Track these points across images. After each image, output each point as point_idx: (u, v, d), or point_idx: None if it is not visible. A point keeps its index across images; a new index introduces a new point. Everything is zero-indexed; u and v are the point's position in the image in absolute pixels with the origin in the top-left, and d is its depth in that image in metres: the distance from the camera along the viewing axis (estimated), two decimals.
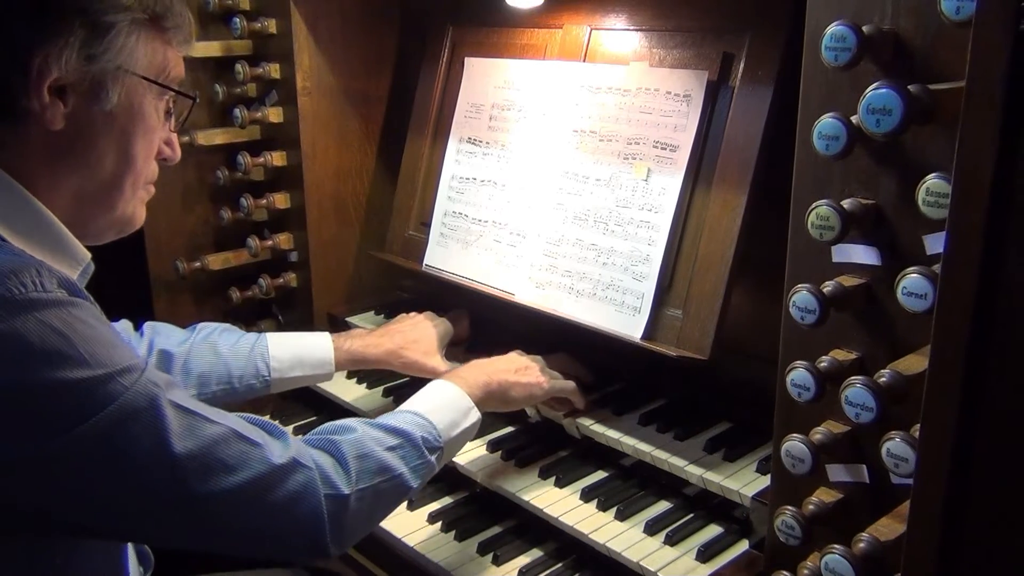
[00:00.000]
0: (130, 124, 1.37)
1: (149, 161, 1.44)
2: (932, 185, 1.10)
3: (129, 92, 1.35)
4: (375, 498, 1.48)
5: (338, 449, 1.47)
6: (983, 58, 0.85)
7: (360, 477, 1.46)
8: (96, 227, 1.43)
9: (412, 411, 1.66)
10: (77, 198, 1.37)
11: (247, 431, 1.36)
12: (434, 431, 1.62)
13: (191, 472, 1.26)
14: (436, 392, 1.75)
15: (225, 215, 2.49)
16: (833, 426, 1.31)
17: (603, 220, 1.92)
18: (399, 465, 1.53)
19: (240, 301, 2.54)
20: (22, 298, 1.16)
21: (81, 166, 1.35)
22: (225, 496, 1.29)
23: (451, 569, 1.80)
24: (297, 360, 2.01)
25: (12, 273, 1.17)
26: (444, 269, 2.24)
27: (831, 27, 1.16)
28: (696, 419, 1.90)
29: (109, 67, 1.31)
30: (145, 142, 1.41)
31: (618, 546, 1.70)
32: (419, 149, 2.39)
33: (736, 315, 1.77)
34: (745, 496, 1.66)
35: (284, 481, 1.36)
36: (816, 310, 1.24)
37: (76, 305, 1.23)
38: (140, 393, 1.23)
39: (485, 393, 1.79)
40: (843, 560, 1.21)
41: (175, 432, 1.25)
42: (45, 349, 1.16)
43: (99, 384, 1.19)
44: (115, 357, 1.22)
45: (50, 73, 1.26)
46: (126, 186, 1.41)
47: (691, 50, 1.85)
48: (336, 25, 2.41)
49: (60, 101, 1.29)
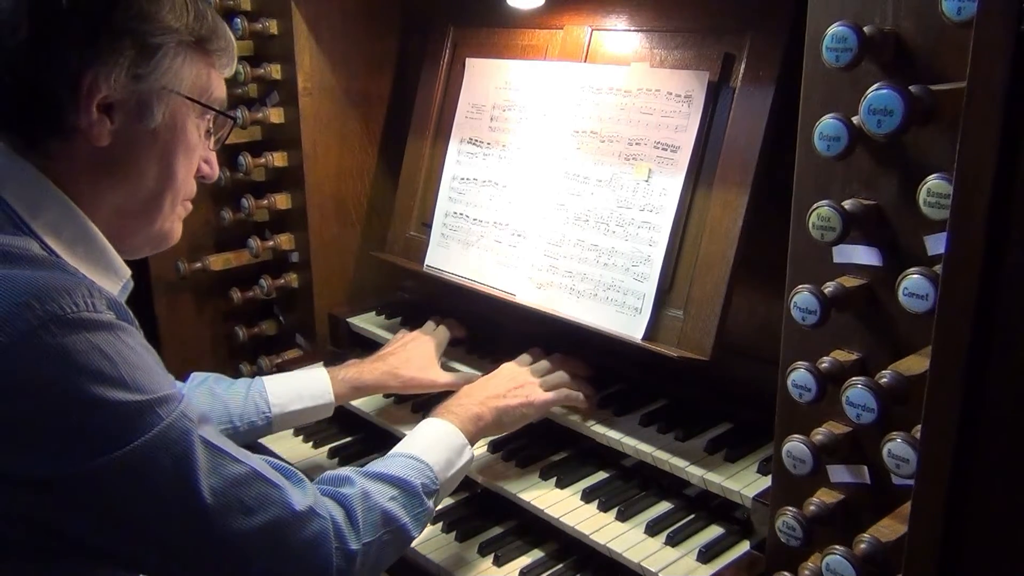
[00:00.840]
0: (172, 142, 1.41)
1: (189, 178, 1.48)
2: (933, 186, 1.10)
3: (173, 111, 1.39)
4: (379, 550, 1.51)
5: (348, 502, 1.49)
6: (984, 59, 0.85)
7: (366, 531, 1.48)
8: (134, 243, 1.47)
9: (408, 455, 1.66)
10: (118, 213, 1.40)
11: (268, 474, 1.37)
12: (431, 474, 1.64)
13: (212, 509, 1.28)
14: (429, 432, 1.76)
15: (226, 215, 2.49)
16: (834, 427, 1.31)
17: (604, 221, 1.92)
18: (402, 515, 1.55)
19: (241, 302, 2.54)
20: (74, 317, 1.18)
21: (124, 182, 1.39)
22: (242, 536, 1.31)
23: (452, 570, 1.80)
24: (295, 394, 2.01)
25: (65, 291, 1.19)
26: (445, 270, 2.24)
27: (832, 28, 1.16)
28: (697, 420, 1.90)
29: (155, 87, 1.35)
30: (186, 160, 1.45)
31: (619, 547, 1.70)
32: (420, 150, 2.39)
33: (737, 316, 1.77)
34: (746, 497, 1.66)
35: (301, 528, 1.38)
36: (817, 311, 1.24)
37: (123, 330, 1.25)
38: (175, 426, 1.25)
39: (478, 428, 1.82)
40: (844, 561, 1.21)
41: (202, 468, 1.27)
42: (92, 369, 1.18)
43: (140, 411, 1.21)
44: (156, 385, 1.25)
45: (99, 91, 1.30)
46: (166, 202, 1.45)
47: (692, 51, 1.85)
48: (337, 26, 2.41)
49: (107, 118, 1.32)
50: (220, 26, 1.46)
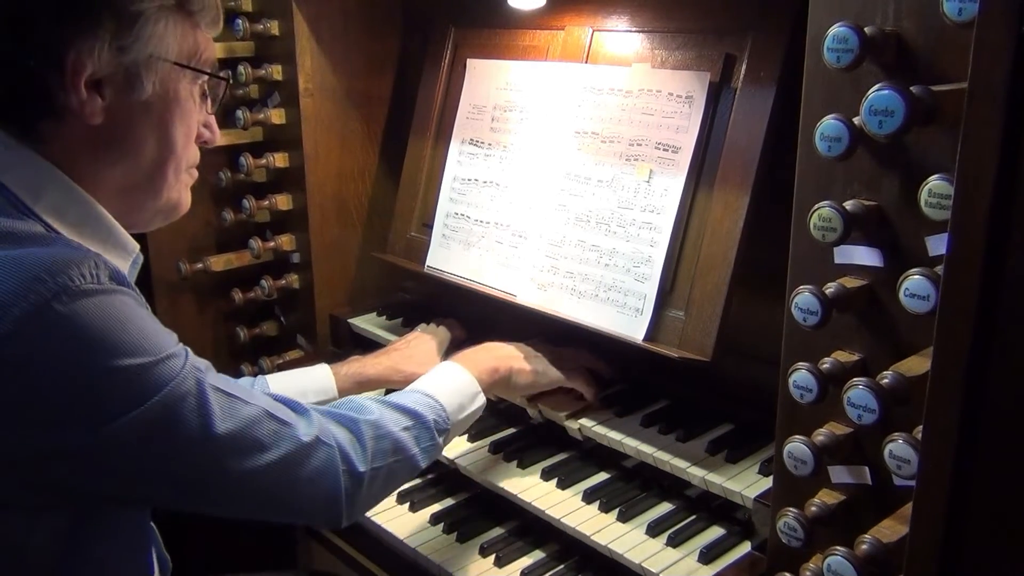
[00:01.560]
0: (167, 111, 1.40)
1: (189, 145, 1.47)
2: (934, 186, 1.10)
3: (163, 79, 1.37)
4: (387, 476, 1.55)
5: (357, 427, 1.53)
6: (985, 59, 0.85)
7: (375, 456, 1.52)
8: (143, 215, 1.47)
9: (424, 392, 1.71)
10: (122, 188, 1.41)
11: (277, 410, 1.41)
12: (444, 413, 1.68)
13: (229, 450, 1.33)
14: (447, 374, 1.80)
15: (227, 216, 2.49)
16: (835, 427, 1.31)
17: (605, 221, 1.92)
18: (412, 446, 1.59)
19: (242, 302, 2.54)
20: (83, 287, 1.19)
21: (123, 157, 1.38)
22: (258, 472, 1.36)
23: (453, 570, 1.80)
24: (299, 390, 2.00)
25: (73, 264, 1.20)
26: (446, 270, 2.25)
27: (833, 28, 1.16)
28: (698, 420, 1.90)
29: (141, 56, 1.33)
30: (183, 127, 1.44)
31: (620, 548, 1.70)
32: (421, 150, 2.39)
33: (738, 316, 1.77)
34: (747, 498, 1.66)
35: (309, 458, 1.42)
36: (818, 311, 1.24)
37: (126, 294, 1.28)
38: (187, 377, 1.28)
39: (492, 379, 1.86)
40: (845, 562, 1.21)
41: (216, 414, 1.31)
42: (105, 336, 1.20)
43: (152, 369, 1.24)
44: (164, 344, 1.28)
45: (85, 68, 1.28)
46: (168, 172, 1.44)
47: (693, 51, 1.85)
48: (338, 26, 2.41)
49: (97, 95, 1.31)
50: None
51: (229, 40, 2.41)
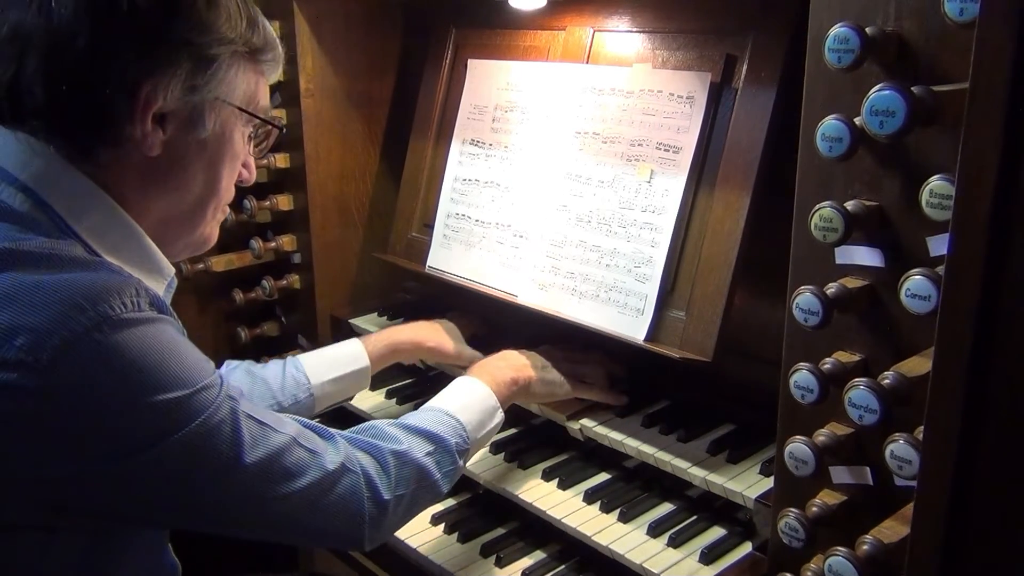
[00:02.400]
0: (220, 151, 1.43)
1: (231, 185, 1.50)
2: (935, 187, 1.10)
3: (223, 121, 1.40)
4: (411, 502, 1.56)
5: (382, 454, 1.53)
6: (987, 60, 0.85)
7: (399, 483, 1.52)
8: (175, 247, 1.49)
9: (443, 410, 1.70)
10: (163, 220, 1.42)
11: (305, 439, 1.42)
12: (464, 433, 1.67)
13: (257, 478, 1.33)
14: (465, 390, 1.79)
15: (228, 217, 2.48)
16: (836, 428, 1.31)
17: (606, 221, 1.92)
18: (435, 471, 1.59)
19: (243, 303, 2.54)
20: (125, 317, 1.19)
21: (171, 190, 1.40)
22: (285, 499, 1.36)
23: (454, 571, 1.80)
24: (331, 362, 2.03)
25: (116, 292, 1.20)
26: (447, 271, 2.24)
27: (834, 29, 1.16)
28: (699, 421, 1.90)
29: (208, 97, 1.36)
30: (231, 168, 1.47)
31: (621, 548, 1.70)
32: (422, 151, 2.39)
33: (739, 317, 1.77)
34: (748, 498, 1.66)
35: (335, 485, 1.43)
36: (819, 312, 1.24)
37: (167, 322, 1.28)
38: (222, 407, 1.29)
39: (511, 392, 1.85)
40: (846, 562, 1.21)
41: (247, 442, 1.31)
42: (144, 366, 1.20)
43: (189, 400, 1.24)
44: (202, 373, 1.28)
45: (155, 102, 1.30)
46: (208, 209, 1.47)
47: (694, 52, 1.85)
48: (339, 27, 2.41)
49: (160, 128, 1.33)
50: (271, 34, 1.48)
51: None
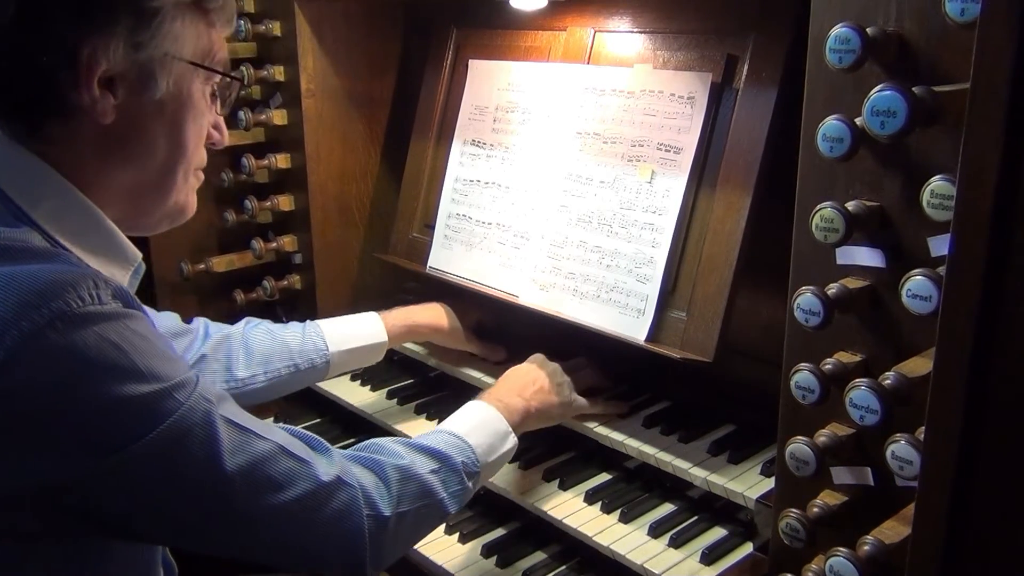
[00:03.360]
0: (180, 111, 1.35)
1: (199, 147, 1.42)
2: (936, 187, 1.10)
3: (178, 79, 1.33)
4: (415, 521, 1.49)
5: (382, 470, 1.46)
6: (988, 60, 0.85)
7: (401, 500, 1.45)
8: (151, 219, 1.42)
9: (451, 432, 1.63)
10: (131, 192, 1.35)
11: (294, 448, 1.35)
12: (472, 455, 1.61)
13: (239, 489, 1.26)
14: (475, 414, 1.72)
15: (229, 217, 2.49)
16: (837, 428, 1.31)
17: (607, 222, 1.92)
18: (440, 489, 1.52)
19: (244, 303, 2.54)
20: (81, 312, 1.13)
21: (133, 158, 1.33)
22: (270, 513, 1.30)
23: (455, 571, 1.80)
24: (351, 332, 2.01)
25: (70, 286, 1.14)
26: (448, 271, 2.24)
27: (835, 29, 1.16)
28: (700, 421, 1.90)
29: (156, 54, 1.28)
30: (195, 128, 1.39)
31: (622, 548, 1.70)
32: (423, 151, 2.39)
33: (740, 317, 1.77)
34: (749, 498, 1.66)
35: (329, 500, 1.35)
36: (820, 312, 1.24)
37: (131, 317, 1.21)
38: (195, 409, 1.22)
39: (523, 418, 1.78)
40: (848, 563, 1.20)
41: (226, 448, 1.24)
42: (104, 364, 1.14)
43: (157, 399, 1.18)
44: (171, 371, 1.21)
45: (99, 65, 1.23)
46: (178, 174, 1.39)
47: (695, 52, 1.85)
48: (340, 27, 2.41)
49: (110, 93, 1.26)
50: None
51: (231, 41, 2.40)
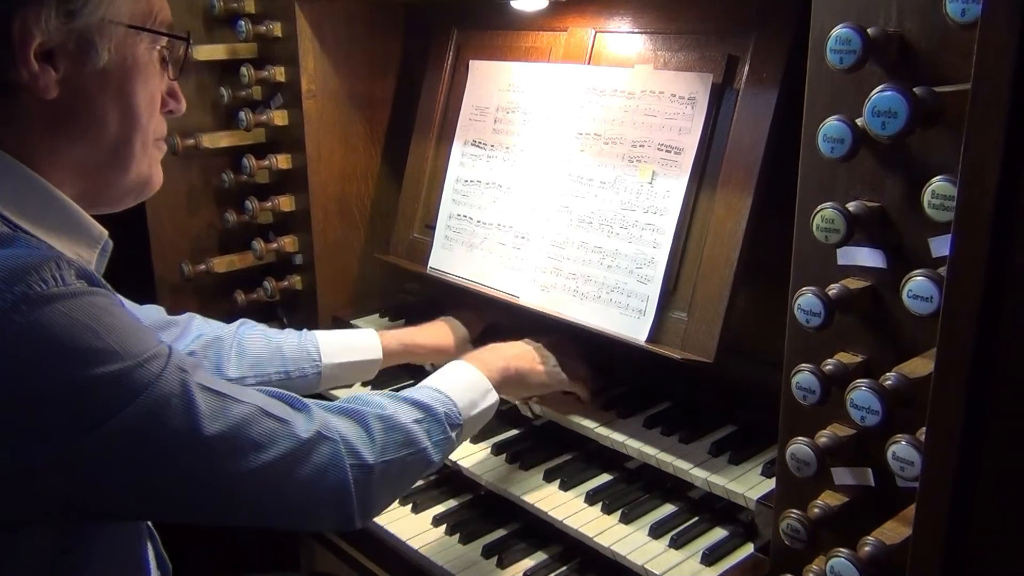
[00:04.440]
0: (127, 78, 1.31)
1: (154, 115, 1.38)
2: (938, 188, 1.10)
3: (119, 44, 1.28)
4: (400, 470, 1.50)
5: (364, 419, 1.47)
6: (989, 60, 0.85)
7: (386, 448, 1.47)
8: (113, 194, 1.38)
9: (433, 387, 1.67)
10: (86, 168, 1.32)
11: (272, 408, 1.35)
12: (455, 408, 1.64)
13: (221, 453, 1.26)
14: (456, 372, 1.76)
15: (230, 218, 2.49)
16: (838, 429, 1.31)
17: (608, 223, 1.92)
18: (423, 439, 1.54)
19: (245, 304, 2.54)
20: (44, 293, 1.12)
21: (84, 132, 1.30)
22: (254, 474, 1.30)
23: (456, 572, 1.80)
24: (346, 346, 2.01)
25: (32, 269, 1.13)
26: (449, 271, 2.25)
27: (836, 29, 1.16)
28: (701, 422, 1.90)
29: (92, 21, 1.23)
30: (146, 94, 1.34)
31: (623, 549, 1.70)
32: (424, 152, 2.39)
33: (741, 318, 1.77)
34: (750, 499, 1.66)
35: (310, 455, 1.36)
36: (821, 313, 1.24)
37: (97, 294, 1.20)
38: (169, 379, 1.21)
39: (503, 377, 1.82)
40: (849, 564, 1.20)
41: (204, 415, 1.24)
42: (72, 343, 1.13)
43: (130, 373, 1.17)
44: (142, 345, 1.20)
45: (32, 37, 1.19)
46: (135, 145, 1.35)
47: (696, 53, 1.85)
48: (341, 28, 2.41)
49: (50, 67, 1.22)
50: None
51: (232, 42, 2.42)
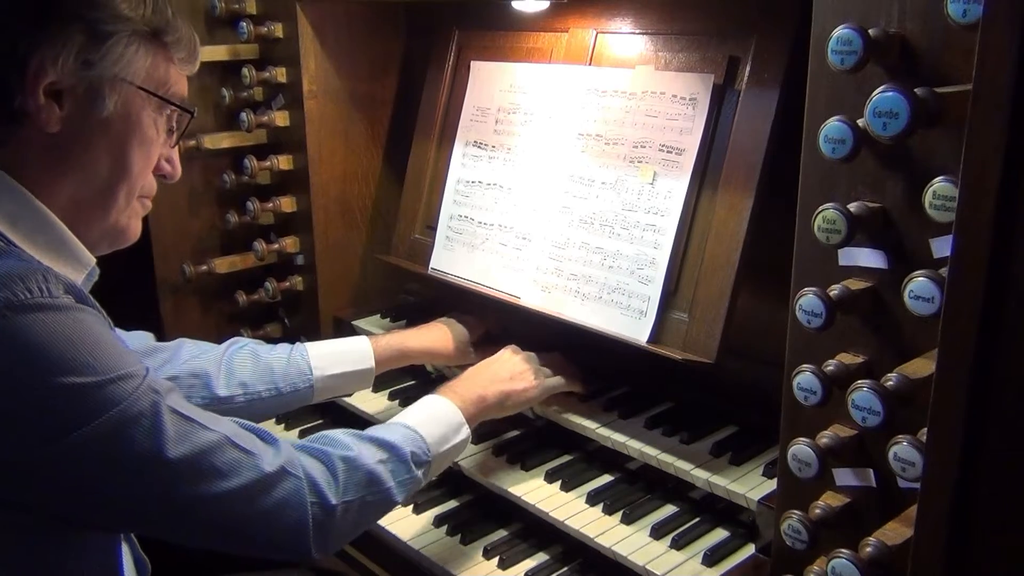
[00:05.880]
0: (126, 133, 1.40)
1: (145, 173, 1.47)
2: (939, 188, 1.10)
3: (126, 102, 1.38)
4: (361, 510, 1.53)
5: (329, 459, 1.50)
6: (990, 61, 0.85)
7: (347, 488, 1.50)
8: (91, 236, 1.44)
9: (403, 424, 1.69)
10: (74, 203, 1.40)
11: (241, 439, 1.39)
12: (423, 445, 1.66)
13: (183, 477, 1.31)
14: (429, 406, 1.78)
15: (231, 219, 2.50)
16: (840, 430, 1.31)
17: (609, 223, 1.92)
18: (387, 479, 1.56)
19: (246, 305, 2.55)
20: (29, 302, 1.18)
21: (76, 170, 1.38)
22: (215, 500, 1.34)
23: (456, 572, 1.80)
24: (337, 357, 2.02)
25: (19, 278, 1.19)
26: (450, 272, 2.25)
27: (837, 30, 1.16)
28: (702, 423, 1.90)
29: (106, 75, 1.34)
30: (142, 152, 1.43)
31: (624, 550, 1.70)
32: (425, 153, 2.39)
33: (742, 318, 1.77)
34: (751, 500, 1.66)
35: (272, 488, 1.40)
36: (822, 313, 1.24)
37: (82, 311, 1.25)
38: (140, 400, 1.27)
39: (480, 408, 1.83)
40: (850, 564, 1.20)
41: (170, 437, 1.29)
42: (51, 353, 1.18)
43: (101, 388, 1.22)
44: (118, 363, 1.26)
45: (46, 75, 1.29)
46: (119, 194, 1.43)
47: (697, 53, 1.85)
48: (342, 29, 2.41)
49: (55, 104, 1.32)
50: (177, 21, 1.45)
51: (233, 43, 2.42)
